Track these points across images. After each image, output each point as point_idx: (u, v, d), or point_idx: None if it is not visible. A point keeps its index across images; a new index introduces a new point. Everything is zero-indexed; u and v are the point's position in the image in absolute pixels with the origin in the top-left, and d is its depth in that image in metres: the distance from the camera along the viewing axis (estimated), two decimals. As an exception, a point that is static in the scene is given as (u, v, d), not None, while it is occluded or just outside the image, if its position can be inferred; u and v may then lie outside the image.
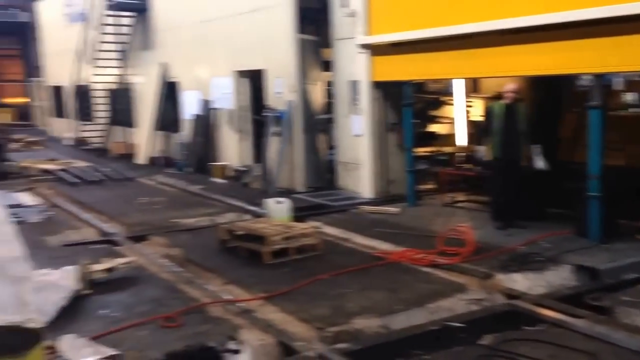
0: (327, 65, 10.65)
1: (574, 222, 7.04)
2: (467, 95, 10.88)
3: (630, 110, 9.46)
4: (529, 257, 6.24)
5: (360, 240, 7.34)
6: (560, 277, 5.79)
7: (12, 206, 8.57)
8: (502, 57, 7.54)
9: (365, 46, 9.42)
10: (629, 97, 9.63)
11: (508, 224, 7.50)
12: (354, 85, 9.75)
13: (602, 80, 6.89)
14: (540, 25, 6.90)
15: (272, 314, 5.06)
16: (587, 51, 6.57)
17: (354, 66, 9.72)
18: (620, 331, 4.53)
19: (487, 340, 4.53)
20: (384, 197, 9.52)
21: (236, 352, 3.97)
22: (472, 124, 10.56)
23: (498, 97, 8.13)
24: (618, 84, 9.50)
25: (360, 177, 9.83)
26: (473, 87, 11.13)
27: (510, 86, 7.54)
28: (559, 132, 8.61)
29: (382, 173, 9.74)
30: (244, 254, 6.72)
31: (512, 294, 5.38)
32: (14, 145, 16.66)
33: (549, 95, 8.63)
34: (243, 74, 12.11)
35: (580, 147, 7.40)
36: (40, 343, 3.39)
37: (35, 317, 4.43)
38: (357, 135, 9.82)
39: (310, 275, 5.97)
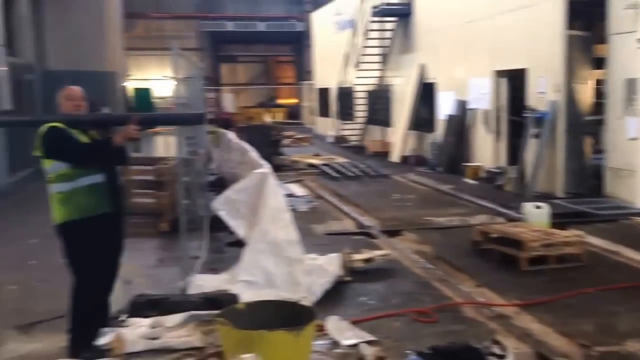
0: (598, 63, 9.83)
1: None
2: None
3: None
4: None
5: (633, 255, 6.63)
6: None
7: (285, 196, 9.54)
8: None
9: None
10: None
11: None
12: (632, 83, 8.84)
13: None
14: None
15: (530, 323, 4.85)
16: None
17: (634, 63, 8.80)
18: None
19: None
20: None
21: (501, 357, 3.87)
22: None
23: None
24: None
25: (636, 186, 8.87)
26: None
27: None
28: None
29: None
30: (497, 258, 6.54)
31: None
32: (285, 141, 18.45)
33: None
34: (502, 73, 11.79)
35: None
36: (314, 320, 3.72)
37: (306, 296, 4.90)
38: (633, 138, 8.89)
39: (572, 287, 5.58)
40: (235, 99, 32.39)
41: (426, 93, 14.86)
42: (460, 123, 13.11)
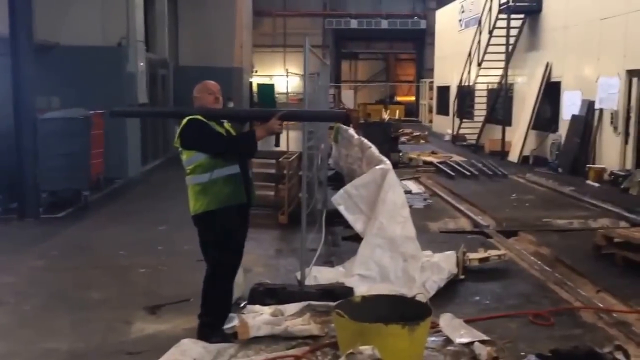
0: None
1: None
2: None
3: None
4: None
5: None
6: None
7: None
8: None
9: None
10: None
11: None
12: None
13: None
14: None
15: (654, 331, 4.67)
16: None
17: None
18: None
19: None
20: None
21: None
22: None
23: None
24: None
25: None
26: None
27: None
28: None
29: None
30: (620, 263, 6.30)
31: None
32: (403, 139, 18.46)
33: None
34: (634, 73, 11.16)
35: None
36: (429, 317, 3.82)
37: (421, 292, 4.99)
38: None
39: None
40: (355, 96, 32.76)
41: (550, 92, 14.36)
42: (586, 123, 12.54)
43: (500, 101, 16.94)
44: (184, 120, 4.29)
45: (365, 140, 8.07)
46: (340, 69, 35.81)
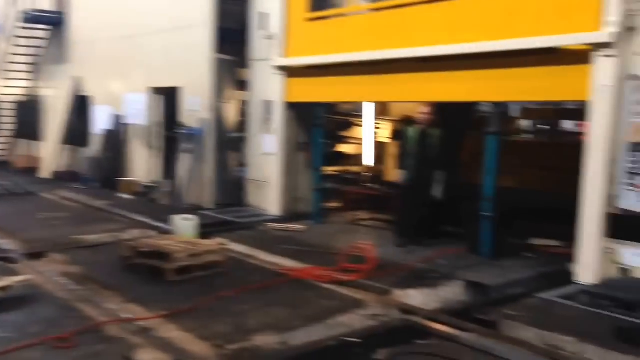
0: (242, 85, 10.75)
1: (469, 240, 7.44)
2: (376, 118, 11.28)
3: (525, 136, 10.15)
4: (425, 273, 6.54)
5: (265, 257, 7.44)
6: (452, 292, 6.10)
7: None
8: (411, 84, 7.85)
9: (281, 68, 9.63)
10: (524, 123, 10.36)
11: (409, 243, 7.78)
12: (267, 105, 9.90)
13: (500, 107, 7.33)
14: (447, 55, 7.25)
15: (172, 332, 5.02)
16: (488, 80, 6.99)
17: (269, 87, 9.89)
18: (504, 344, 4.84)
19: (381, 354, 4.70)
20: (291, 215, 9.69)
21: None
22: (379, 146, 10.95)
23: (407, 120, 8.44)
24: (515, 111, 10.18)
25: (269, 195, 9.96)
26: (382, 110, 11.54)
27: (424, 110, 7.74)
28: (462, 156, 9.00)
29: (290, 191, 9.92)
30: (147, 272, 6.61)
31: (407, 309, 5.61)
32: None
33: (455, 120, 8.95)
34: (158, 90, 12.02)
35: (479, 170, 7.76)
36: None
37: None
38: (267, 153, 9.95)
39: (213, 292, 6.00)
40: None
41: (81, 106, 14.24)
42: (117, 138, 12.92)
43: (29, 115, 15.99)
44: None
45: None
46: None
